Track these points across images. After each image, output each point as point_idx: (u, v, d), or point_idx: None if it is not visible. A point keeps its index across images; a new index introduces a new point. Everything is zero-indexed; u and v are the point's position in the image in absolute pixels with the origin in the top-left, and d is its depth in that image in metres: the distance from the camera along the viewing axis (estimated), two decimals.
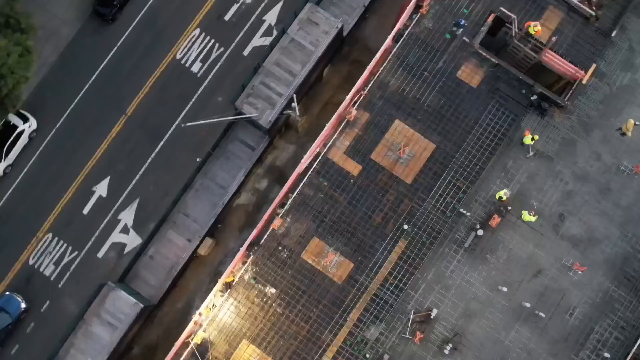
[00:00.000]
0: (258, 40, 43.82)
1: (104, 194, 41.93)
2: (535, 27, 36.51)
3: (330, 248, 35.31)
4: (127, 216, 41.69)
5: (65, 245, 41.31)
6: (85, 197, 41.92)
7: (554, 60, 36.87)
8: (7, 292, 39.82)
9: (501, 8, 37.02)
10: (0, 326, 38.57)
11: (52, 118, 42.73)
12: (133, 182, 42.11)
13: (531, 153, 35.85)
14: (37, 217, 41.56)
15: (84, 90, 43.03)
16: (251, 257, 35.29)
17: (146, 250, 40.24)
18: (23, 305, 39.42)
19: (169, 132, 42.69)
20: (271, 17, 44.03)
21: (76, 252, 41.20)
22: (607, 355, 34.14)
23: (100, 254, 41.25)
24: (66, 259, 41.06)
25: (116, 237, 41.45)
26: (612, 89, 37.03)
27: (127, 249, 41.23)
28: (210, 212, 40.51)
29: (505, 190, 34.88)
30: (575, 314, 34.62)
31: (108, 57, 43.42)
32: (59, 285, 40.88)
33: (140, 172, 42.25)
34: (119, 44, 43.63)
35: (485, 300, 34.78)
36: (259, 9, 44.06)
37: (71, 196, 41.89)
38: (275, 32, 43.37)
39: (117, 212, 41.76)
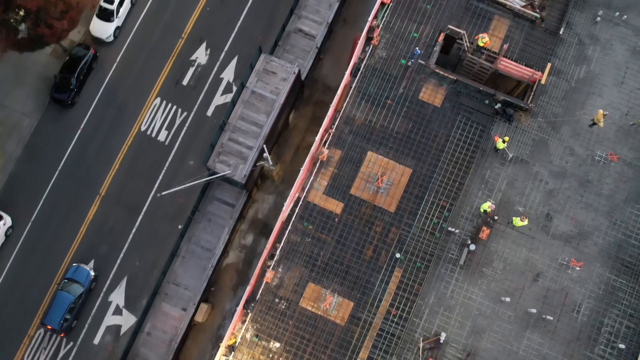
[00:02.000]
0: (219, 99, 44.13)
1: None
2: (483, 39, 37.25)
3: (327, 291, 34.81)
4: (118, 296, 40.91)
5: (59, 336, 40.24)
6: None
7: (510, 67, 37.55)
8: (75, 264, 40.39)
9: (449, 26, 37.80)
10: (74, 295, 39.59)
11: (26, 212, 42.22)
12: (118, 261, 41.48)
13: (511, 155, 36.03)
14: (26, 314, 40.61)
15: (54, 178, 42.72)
16: (249, 314, 34.60)
17: (142, 328, 39.37)
18: (92, 273, 40.34)
19: (146, 204, 42.35)
20: (228, 74, 44.47)
21: (71, 343, 40.18)
22: (622, 346, 33.76)
23: (96, 340, 40.25)
24: (62, 352, 39.98)
25: (110, 319, 40.56)
26: (571, 84, 37.69)
27: (122, 330, 40.33)
28: (200, 277, 39.90)
29: (488, 203, 34.86)
30: (582, 311, 34.35)
31: (73, 141, 43.32)
32: None
33: (124, 250, 41.68)
34: (82, 126, 43.61)
35: (491, 313, 34.39)
36: (215, 68, 44.54)
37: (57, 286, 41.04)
38: (234, 88, 43.76)
39: (106, 294, 40.99)
